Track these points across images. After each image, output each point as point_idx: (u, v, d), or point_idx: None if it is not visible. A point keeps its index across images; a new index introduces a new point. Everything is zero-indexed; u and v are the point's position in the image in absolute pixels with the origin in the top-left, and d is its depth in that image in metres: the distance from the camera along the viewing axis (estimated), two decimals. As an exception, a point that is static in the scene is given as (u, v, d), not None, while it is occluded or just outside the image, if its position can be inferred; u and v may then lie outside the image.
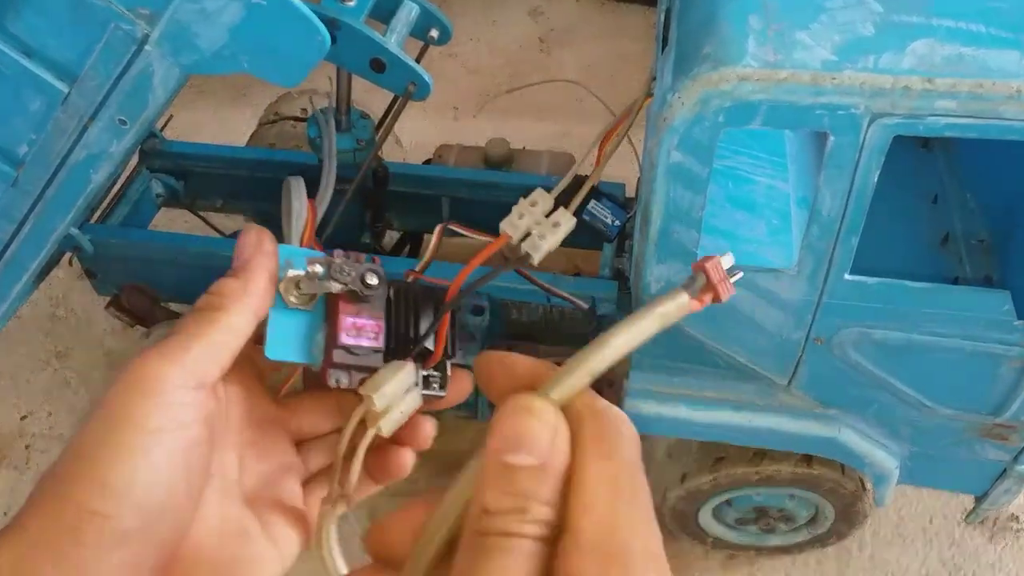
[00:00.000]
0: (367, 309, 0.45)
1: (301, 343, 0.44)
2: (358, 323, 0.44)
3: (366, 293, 0.44)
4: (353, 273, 0.44)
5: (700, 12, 0.68)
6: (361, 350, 0.44)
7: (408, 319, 0.47)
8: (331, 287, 0.44)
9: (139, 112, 0.81)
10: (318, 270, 0.44)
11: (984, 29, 0.64)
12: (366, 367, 0.44)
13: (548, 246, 0.51)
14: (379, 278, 0.44)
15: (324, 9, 0.78)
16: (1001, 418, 0.86)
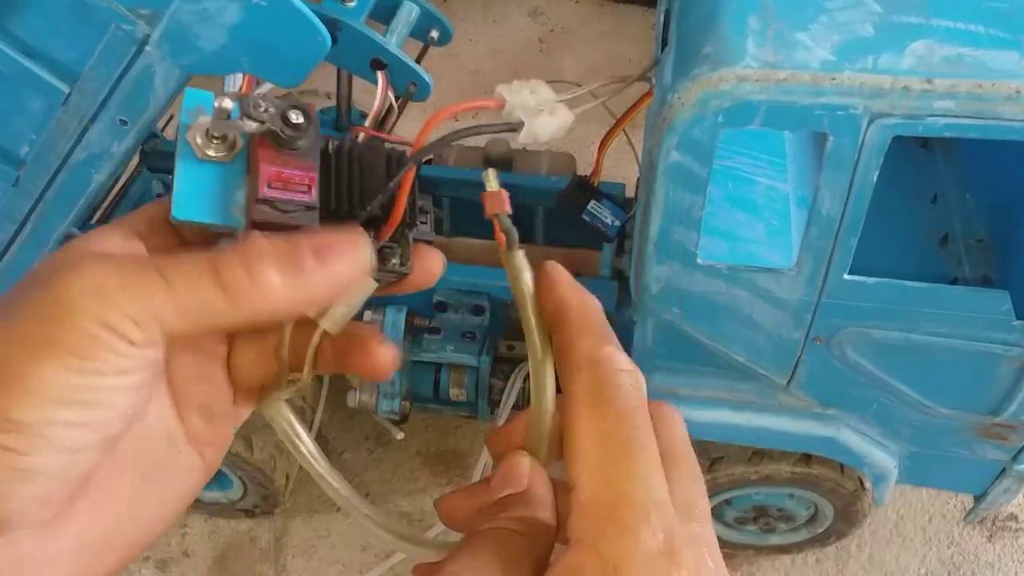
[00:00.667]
0: (296, 157, 0.37)
1: (216, 200, 0.37)
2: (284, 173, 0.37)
3: (288, 134, 0.36)
4: (272, 109, 0.36)
5: (700, 13, 0.69)
6: (290, 205, 0.36)
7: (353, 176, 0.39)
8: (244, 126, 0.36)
9: (140, 112, 0.81)
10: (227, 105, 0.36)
11: (983, 30, 0.64)
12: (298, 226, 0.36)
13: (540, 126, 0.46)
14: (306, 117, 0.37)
15: (325, 10, 0.78)
16: (1000, 418, 0.86)
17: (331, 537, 1.29)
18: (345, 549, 1.28)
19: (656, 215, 0.72)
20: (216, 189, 0.37)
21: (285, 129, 0.36)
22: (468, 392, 1.13)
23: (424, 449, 1.37)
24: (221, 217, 0.36)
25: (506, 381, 1.14)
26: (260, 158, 0.36)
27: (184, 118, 0.36)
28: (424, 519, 1.31)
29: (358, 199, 0.38)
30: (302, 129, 0.36)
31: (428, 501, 1.32)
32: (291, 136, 0.36)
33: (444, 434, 1.39)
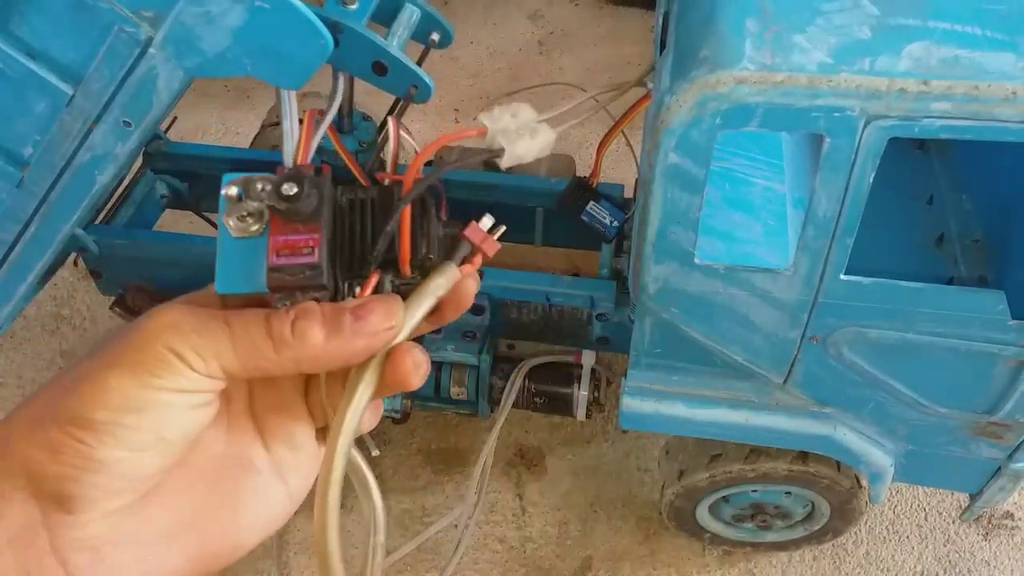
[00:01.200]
0: (301, 224, 0.41)
1: (249, 272, 0.41)
2: (290, 240, 0.40)
3: (284, 207, 0.40)
4: (268, 187, 0.40)
5: (698, 15, 0.69)
6: (295, 269, 0.40)
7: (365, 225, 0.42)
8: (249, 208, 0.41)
9: (143, 114, 0.82)
10: (232, 193, 0.41)
11: (980, 32, 0.64)
12: (308, 286, 0.40)
13: (523, 148, 0.48)
14: (299, 185, 0.40)
15: (327, 12, 0.79)
16: (995, 417, 0.86)
17: (332, 535, 1.30)
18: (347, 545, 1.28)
19: (654, 216, 0.73)
20: (250, 261, 0.41)
21: (281, 202, 0.39)
22: (468, 391, 1.13)
23: (425, 447, 1.38)
24: (254, 285, 0.41)
25: (506, 380, 1.15)
26: (271, 230, 0.40)
27: (223, 201, 0.41)
28: (425, 516, 1.32)
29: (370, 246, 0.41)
30: (297, 199, 0.40)
31: (429, 498, 1.33)
32: (288, 208, 0.40)
33: (445, 432, 1.40)
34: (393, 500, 1.33)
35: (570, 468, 1.37)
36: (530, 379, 1.15)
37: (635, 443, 1.38)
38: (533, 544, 1.29)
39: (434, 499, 1.33)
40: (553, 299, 1.09)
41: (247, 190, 0.40)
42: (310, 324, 0.38)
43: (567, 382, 1.15)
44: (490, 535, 1.30)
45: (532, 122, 0.50)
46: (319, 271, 0.40)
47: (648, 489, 1.33)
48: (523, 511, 1.33)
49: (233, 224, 0.41)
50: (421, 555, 1.27)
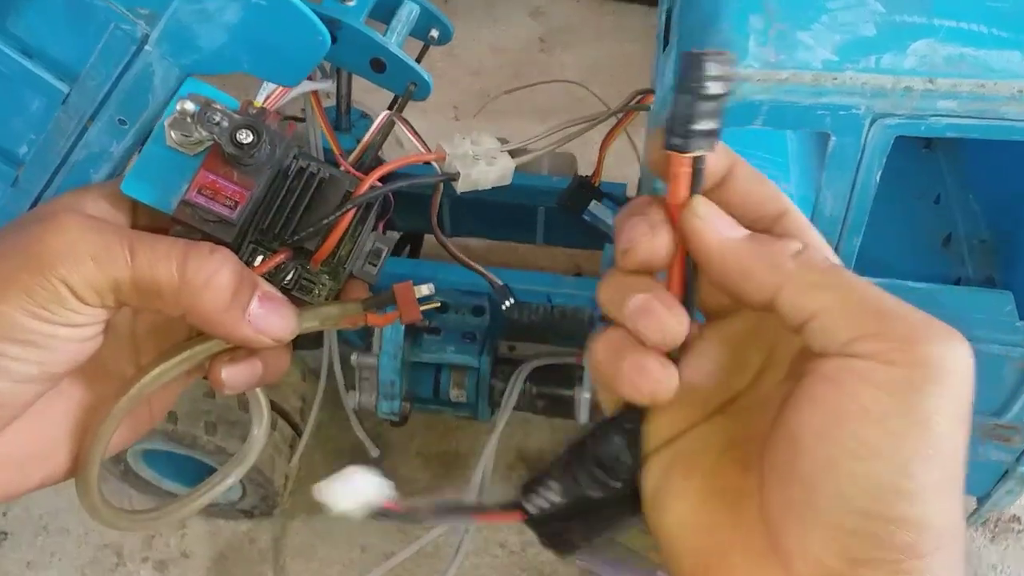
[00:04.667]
0: (239, 173, 0.39)
1: (163, 187, 0.39)
2: (218, 183, 0.38)
3: (231, 152, 0.38)
4: (225, 123, 0.38)
5: (701, 12, 0.68)
6: (210, 215, 0.38)
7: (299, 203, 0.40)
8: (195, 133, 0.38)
9: (139, 112, 0.81)
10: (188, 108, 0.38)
11: (986, 29, 0.64)
12: (211, 236, 0.38)
13: (478, 174, 0.48)
14: (256, 137, 0.38)
15: (325, 9, 0.78)
16: (1003, 419, 0.86)
17: (331, 538, 1.29)
18: (345, 549, 1.28)
19: (657, 215, 0.72)
20: (167, 175, 0.39)
21: (229, 146, 0.37)
22: (468, 393, 1.12)
23: (424, 450, 1.37)
24: (160, 202, 0.39)
25: (506, 382, 1.14)
26: (205, 163, 0.38)
27: (173, 103, 0.41)
28: (424, 520, 1.31)
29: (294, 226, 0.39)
30: (248, 149, 0.37)
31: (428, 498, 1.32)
32: (234, 154, 0.38)
33: (444, 435, 1.39)
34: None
35: (571, 470, 1.36)
36: (531, 381, 1.14)
37: (637, 445, 1.37)
38: (534, 548, 1.28)
39: (434, 501, 1.32)
40: (555, 299, 1.08)
41: (202, 115, 0.38)
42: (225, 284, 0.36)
43: (569, 384, 1.14)
44: (491, 539, 1.29)
45: (493, 150, 0.50)
46: (231, 228, 0.38)
47: (650, 491, 1.32)
48: (524, 513, 1.32)
49: (173, 135, 0.39)
50: (421, 560, 1.26)
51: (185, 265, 0.36)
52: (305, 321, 0.39)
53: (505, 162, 0.51)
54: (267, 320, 0.37)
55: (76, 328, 0.35)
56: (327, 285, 0.40)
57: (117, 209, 0.40)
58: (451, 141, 0.49)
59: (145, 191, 0.40)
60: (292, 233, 0.39)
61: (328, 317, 0.40)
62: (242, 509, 1.26)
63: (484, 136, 0.50)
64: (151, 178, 0.40)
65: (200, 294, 0.36)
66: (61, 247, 0.35)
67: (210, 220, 0.38)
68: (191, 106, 0.38)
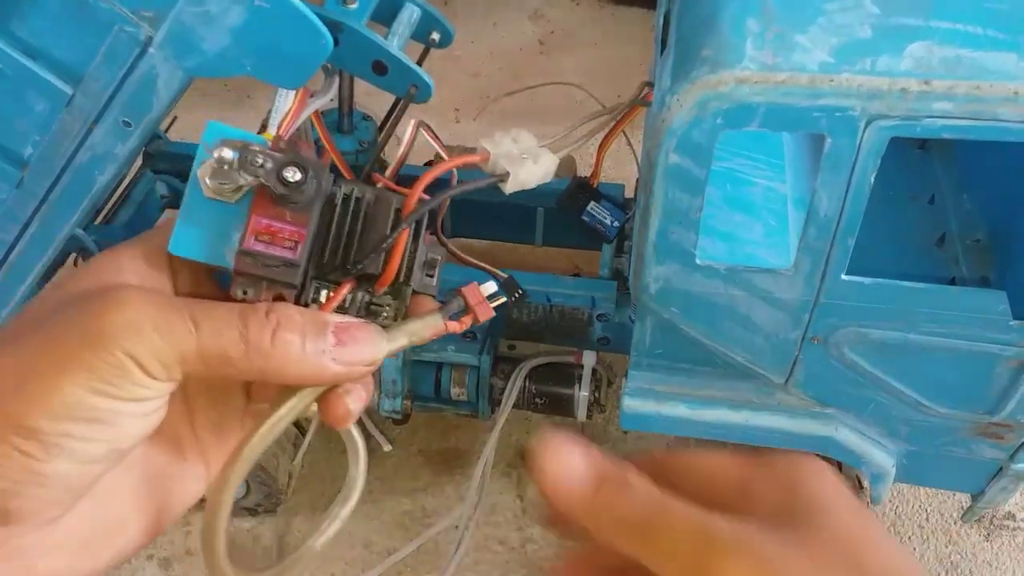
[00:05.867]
0: (291, 212, 0.37)
1: (212, 240, 0.37)
2: (273, 227, 0.36)
3: (281, 192, 0.36)
4: (269, 165, 0.36)
5: (698, 15, 0.69)
6: (272, 260, 0.37)
7: (353, 230, 0.38)
8: (240, 179, 0.36)
9: (143, 114, 0.82)
10: (227, 155, 0.36)
11: (981, 31, 0.64)
12: (277, 281, 0.37)
13: (527, 173, 0.46)
14: (304, 173, 0.36)
15: (327, 12, 0.79)
16: (997, 417, 0.86)
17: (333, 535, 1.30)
18: (348, 547, 1.28)
19: (655, 216, 0.72)
20: (215, 228, 0.37)
21: (279, 187, 0.35)
22: (469, 391, 1.13)
23: (426, 448, 1.38)
24: (214, 257, 0.37)
25: (507, 380, 1.14)
26: (255, 208, 0.36)
27: (201, 151, 0.36)
28: (426, 517, 1.32)
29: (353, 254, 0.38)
30: (296, 187, 0.36)
31: (429, 499, 1.32)
32: (284, 194, 0.36)
33: (445, 433, 1.40)
34: (394, 501, 1.33)
35: (571, 469, 1.36)
36: (531, 380, 1.15)
37: (636, 444, 1.38)
38: (534, 545, 1.29)
39: (435, 500, 1.32)
40: (554, 299, 1.09)
41: (243, 160, 0.36)
42: (293, 338, 0.34)
43: (568, 383, 1.15)
44: (491, 536, 1.30)
45: (533, 147, 0.49)
46: (295, 269, 0.37)
47: (649, 490, 1.33)
48: (524, 512, 1.32)
49: (210, 183, 0.37)
50: (422, 556, 1.27)
51: (247, 330, 0.34)
52: (394, 342, 0.39)
53: (548, 159, 0.49)
54: (351, 351, 0.36)
55: (142, 403, 0.34)
56: (392, 305, 0.40)
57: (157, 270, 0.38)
58: (492, 140, 0.47)
59: (194, 248, 0.37)
60: (353, 262, 0.38)
61: (414, 332, 0.39)
62: (246, 507, 1.27)
63: (523, 133, 0.49)
64: (197, 234, 0.37)
65: (270, 355, 0.34)
66: (123, 322, 0.33)
67: (273, 265, 0.37)
68: (229, 153, 0.36)
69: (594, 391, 1.15)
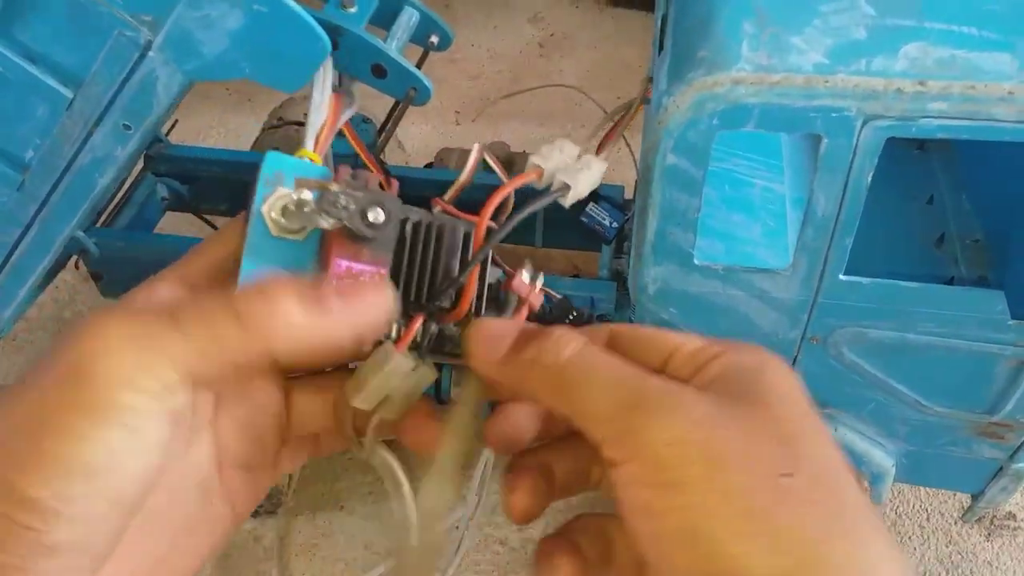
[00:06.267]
0: (369, 251, 0.35)
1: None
2: (354, 269, 0.34)
3: (364, 232, 0.34)
4: (352, 207, 0.33)
5: (695, 17, 0.69)
6: None
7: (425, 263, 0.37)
8: (320, 222, 0.34)
9: (143, 117, 0.82)
10: (306, 197, 0.33)
11: (976, 32, 0.65)
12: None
13: (584, 182, 0.45)
14: (387, 215, 0.34)
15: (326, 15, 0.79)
16: (996, 417, 0.86)
17: (334, 536, 1.30)
18: (348, 548, 1.29)
19: (653, 217, 0.73)
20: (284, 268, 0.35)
21: (364, 229, 0.34)
22: (469, 392, 1.13)
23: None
24: None
25: (507, 382, 1.14)
26: (333, 249, 0.34)
27: (262, 187, 0.35)
28: (426, 520, 1.32)
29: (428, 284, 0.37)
30: (379, 227, 0.34)
31: (430, 501, 1.32)
32: (366, 235, 0.34)
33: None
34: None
35: (571, 470, 1.36)
36: (531, 380, 1.15)
37: (636, 444, 1.38)
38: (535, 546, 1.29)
39: (436, 501, 1.33)
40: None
41: (323, 201, 0.33)
42: (286, 294, 0.31)
43: (568, 383, 1.15)
44: (491, 537, 1.30)
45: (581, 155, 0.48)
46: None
47: (650, 490, 1.33)
48: (525, 513, 1.32)
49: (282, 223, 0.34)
50: (423, 557, 1.27)
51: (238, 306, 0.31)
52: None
53: (598, 164, 0.49)
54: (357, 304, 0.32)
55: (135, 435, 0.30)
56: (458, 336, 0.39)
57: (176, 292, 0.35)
58: (540, 155, 0.47)
59: None
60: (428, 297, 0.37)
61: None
62: (245, 509, 1.27)
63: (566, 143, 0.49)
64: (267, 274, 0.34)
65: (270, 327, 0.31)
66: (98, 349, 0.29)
67: None
68: (309, 195, 0.33)
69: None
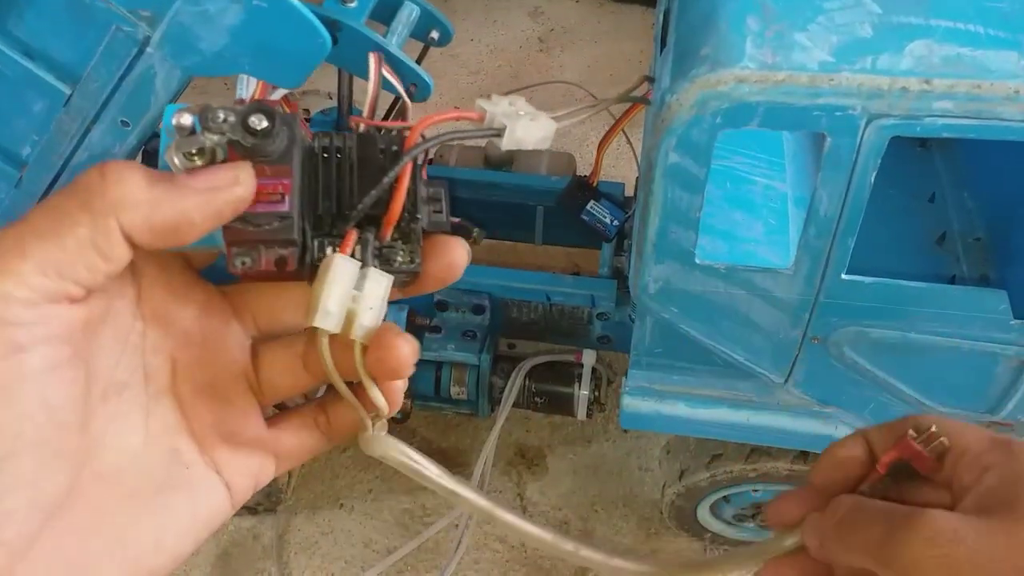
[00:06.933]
0: (269, 166, 0.34)
1: None
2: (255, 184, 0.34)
3: (252, 142, 0.33)
4: (231, 118, 0.33)
5: (698, 13, 0.69)
6: (263, 219, 0.34)
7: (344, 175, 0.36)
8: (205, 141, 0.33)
9: (141, 113, 0.82)
10: (185, 121, 0.33)
11: (982, 30, 0.64)
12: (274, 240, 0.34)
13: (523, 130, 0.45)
14: (271, 120, 0.33)
15: (325, 11, 0.78)
16: (998, 416, 0.86)
17: (334, 534, 1.30)
18: (348, 546, 1.28)
19: (654, 215, 0.72)
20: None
21: (247, 137, 0.33)
22: (469, 390, 1.13)
23: (425, 447, 1.38)
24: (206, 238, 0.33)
25: (506, 379, 1.14)
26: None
27: (164, 137, 0.34)
28: (426, 516, 1.32)
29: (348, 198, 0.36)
30: (267, 134, 0.33)
31: (429, 497, 1.32)
32: (256, 144, 0.33)
33: (445, 431, 1.40)
34: (394, 500, 1.33)
35: (571, 468, 1.36)
36: (531, 378, 1.15)
37: (636, 443, 1.38)
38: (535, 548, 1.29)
39: (435, 499, 1.32)
40: (554, 298, 1.09)
41: (204, 119, 0.33)
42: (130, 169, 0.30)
43: (568, 381, 1.15)
44: (491, 535, 1.30)
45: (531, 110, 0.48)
46: (290, 222, 0.34)
47: (649, 489, 1.33)
48: (524, 511, 1.32)
49: (179, 162, 0.34)
50: (422, 555, 1.27)
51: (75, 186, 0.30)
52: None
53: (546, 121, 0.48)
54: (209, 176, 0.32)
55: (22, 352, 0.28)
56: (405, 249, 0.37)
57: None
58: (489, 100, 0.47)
59: None
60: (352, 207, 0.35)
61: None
62: (246, 505, 1.27)
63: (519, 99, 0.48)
64: None
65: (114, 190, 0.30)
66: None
67: (265, 225, 0.34)
68: (188, 118, 0.33)
69: (594, 390, 1.15)
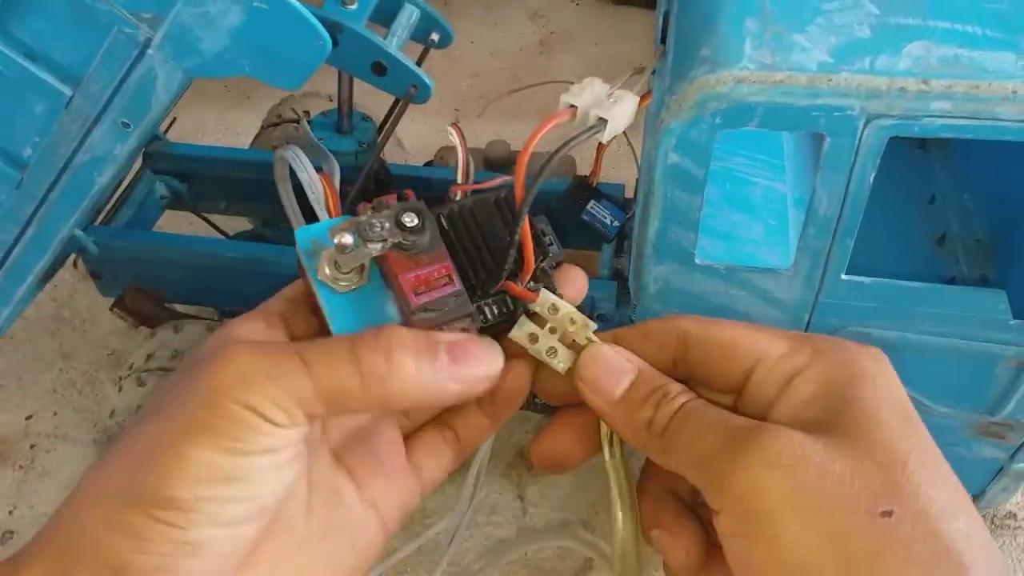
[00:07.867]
0: (424, 255, 0.37)
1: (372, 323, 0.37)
2: (421, 275, 0.37)
3: (411, 240, 0.37)
4: (386, 224, 0.36)
5: (697, 15, 0.69)
6: (442, 303, 0.37)
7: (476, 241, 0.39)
8: (370, 252, 0.36)
9: (142, 115, 0.82)
10: (347, 240, 0.36)
11: (980, 31, 0.64)
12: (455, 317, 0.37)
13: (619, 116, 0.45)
14: (418, 213, 0.37)
15: (326, 13, 0.79)
16: (997, 416, 0.86)
17: (333, 537, 1.30)
18: (347, 548, 1.28)
19: (654, 216, 0.72)
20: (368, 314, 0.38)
21: (407, 237, 0.36)
22: (469, 391, 1.13)
23: (425, 449, 1.38)
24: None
25: (506, 380, 1.14)
26: (395, 271, 0.37)
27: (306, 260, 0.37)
28: (426, 518, 1.32)
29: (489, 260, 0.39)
30: (419, 229, 0.36)
31: (430, 499, 1.32)
32: (410, 241, 0.37)
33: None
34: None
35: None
36: (531, 379, 1.14)
37: (636, 444, 1.38)
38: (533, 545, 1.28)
39: (435, 500, 1.32)
40: (553, 297, 1.09)
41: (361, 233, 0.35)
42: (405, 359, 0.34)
43: (568, 382, 1.15)
44: (491, 536, 1.29)
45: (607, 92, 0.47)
46: (464, 297, 0.38)
47: (649, 490, 1.33)
48: (524, 512, 1.32)
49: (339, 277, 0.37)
50: (422, 556, 1.27)
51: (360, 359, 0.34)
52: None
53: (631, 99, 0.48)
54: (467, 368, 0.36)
55: (273, 454, 0.34)
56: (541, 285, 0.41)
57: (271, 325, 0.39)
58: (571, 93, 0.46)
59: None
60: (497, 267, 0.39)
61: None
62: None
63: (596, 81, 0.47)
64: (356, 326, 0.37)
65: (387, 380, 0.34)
66: (234, 375, 0.33)
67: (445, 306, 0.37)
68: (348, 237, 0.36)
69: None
